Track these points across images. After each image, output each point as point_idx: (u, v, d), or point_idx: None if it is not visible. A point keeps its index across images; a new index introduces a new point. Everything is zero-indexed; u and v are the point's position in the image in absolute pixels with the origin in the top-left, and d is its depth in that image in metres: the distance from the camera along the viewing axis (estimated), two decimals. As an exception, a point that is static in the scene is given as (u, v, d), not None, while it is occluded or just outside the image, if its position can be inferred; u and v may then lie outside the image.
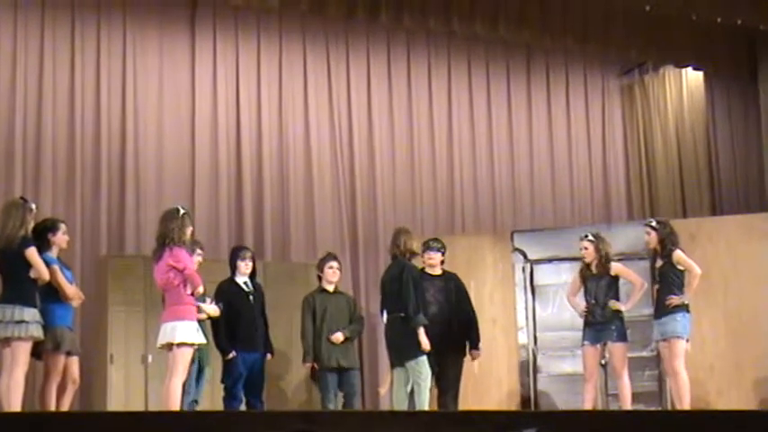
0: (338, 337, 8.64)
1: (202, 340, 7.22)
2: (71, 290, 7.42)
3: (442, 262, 8.79)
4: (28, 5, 10.26)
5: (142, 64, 10.77)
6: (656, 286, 8.39)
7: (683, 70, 13.22)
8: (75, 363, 7.57)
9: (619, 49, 12.35)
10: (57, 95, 10.29)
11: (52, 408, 7.24)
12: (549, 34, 11.78)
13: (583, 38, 11.94)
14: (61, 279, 7.33)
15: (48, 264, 7.20)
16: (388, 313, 8.26)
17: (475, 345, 8.69)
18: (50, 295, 7.27)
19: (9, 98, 10.05)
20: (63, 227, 7.60)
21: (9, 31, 10.15)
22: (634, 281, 8.49)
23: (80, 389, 9.58)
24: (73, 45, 10.42)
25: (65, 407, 7.51)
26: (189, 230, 7.15)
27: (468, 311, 8.75)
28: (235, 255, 8.55)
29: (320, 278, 8.86)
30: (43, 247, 7.29)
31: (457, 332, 8.60)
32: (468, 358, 8.74)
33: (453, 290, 8.69)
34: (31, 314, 6.90)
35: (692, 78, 13.31)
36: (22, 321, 6.85)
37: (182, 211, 7.15)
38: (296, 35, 11.61)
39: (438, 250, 8.73)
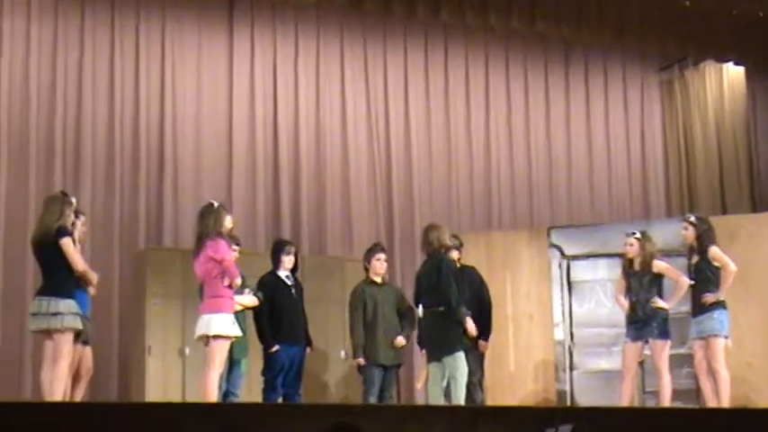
0: (401, 341, 8.57)
1: (238, 333, 7.23)
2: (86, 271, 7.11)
3: (459, 258, 8.71)
4: (68, 1, 10.34)
5: (180, 58, 10.84)
6: (693, 283, 8.31)
7: (724, 65, 13.09)
8: (88, 352, 7.51)
9: (657, 44, 12.25)
10: (96, 90, 10.38)
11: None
12: (587, 29, 11.73)
13: (620, 32, 11.87)
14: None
15: None
16: (424, 307, 8.23)
17: (483, 335, 8.58)
18: None
19: (49, 93, 10.14)
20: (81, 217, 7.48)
21: (49, 26, 10.24)
22: (677, 279, 8.41)
23: (118, 380, 9.75)
24: (112, 40, 10.51)
25: (78, 397, 7.45)
26: (227, 219, 7.22)
27: (484, 303, 8.69)
28: (279, 249, 8.48)
29: (367, 270, 8.70)
30: None
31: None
32: (483, 350, 8.67)
33: (467, 284, 8.55)
34: (67, 305, 6.86)
35: (733, 73, 13.17)
36: (57, 313, 6.82)
37: (216, 204, 7.24)
38: (333, 29, 11.64)
39: (456, 248, 8.66)
